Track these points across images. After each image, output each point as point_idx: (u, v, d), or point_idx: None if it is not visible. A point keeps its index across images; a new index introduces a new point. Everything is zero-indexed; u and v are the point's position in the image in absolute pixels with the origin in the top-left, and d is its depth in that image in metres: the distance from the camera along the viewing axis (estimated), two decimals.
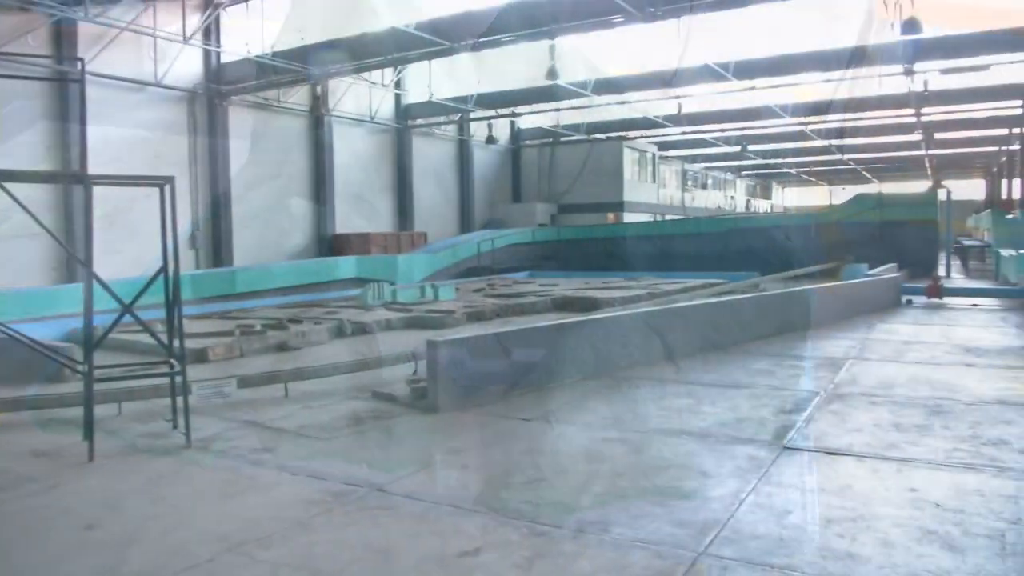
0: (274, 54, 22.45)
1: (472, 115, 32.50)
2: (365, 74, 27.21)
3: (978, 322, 12.95)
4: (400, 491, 4.87)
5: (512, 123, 38.83)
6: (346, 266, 22.09)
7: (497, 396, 7.33)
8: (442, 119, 33.26)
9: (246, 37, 22.58)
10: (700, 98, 32.22)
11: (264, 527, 4.31)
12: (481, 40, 20.27)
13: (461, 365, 7.22)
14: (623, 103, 31.88)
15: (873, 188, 61.22)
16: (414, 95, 31.31)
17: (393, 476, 5.17)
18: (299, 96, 26.63)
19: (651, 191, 42.30)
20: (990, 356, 9.44)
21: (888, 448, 5.62)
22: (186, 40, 20.45)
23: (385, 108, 30.75)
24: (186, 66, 22.60)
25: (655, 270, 23.75)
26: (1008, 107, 32.40)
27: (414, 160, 32.33)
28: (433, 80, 29.38)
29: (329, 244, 27.49)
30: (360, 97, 29.35)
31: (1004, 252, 20.81)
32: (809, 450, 5.61)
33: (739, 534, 4.10)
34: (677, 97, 30.14)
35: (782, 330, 11.54)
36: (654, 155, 43.01)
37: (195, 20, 21.29)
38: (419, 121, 32.40)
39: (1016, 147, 38.32)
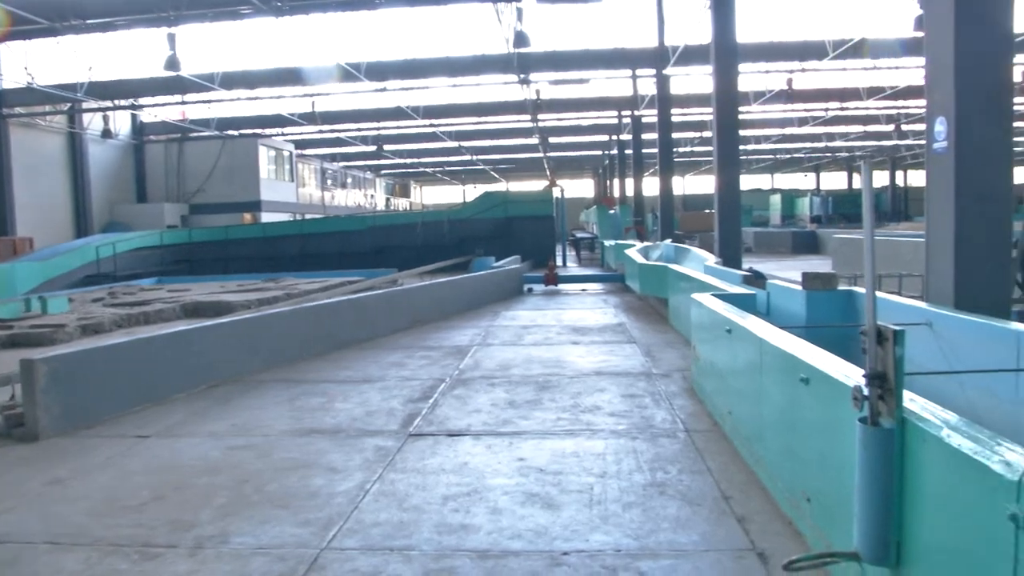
0: None
1: (85, 105, 29.29)
2: None
3: (586, 304, 14.60)
4: None
5: (134, 116, 35.70)
6: None
7: (111, 414, 6.69)
8: (48, 108, 29.53)
9: None
10: (336, 97, 32.34)
11: None
12: (89, 22, 18.34)
13: (66, 384, 6.46)
14: (255, 99, 30.85)
15: (501, 186, 66.22)
16: (10, 80, 27.36)
17: None
18: None
19: (289, 190, 41.56)
20: (592, 333, 10.69)
21: (503, 424, 6.10)
22: None
23: None
24: None
25: (295, 270, 23.41)
26: (608, 116, 36.87)
27: (12, 155, 28.32)
28: (36, 64, 25.93)
29: None
30: None
31: (607, 243, 23.71)
32: (432, 434, 5.89)
33: (362, 524, 4.17)
34: (310, 95, 29.87)
35: (415, 323, 12.01)
36: (291, 153, 42.28)
37: None
38: (18, 110, 28.44)
39: (615, 152, 43.82)
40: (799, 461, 3.85)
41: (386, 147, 46.23)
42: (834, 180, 72.70)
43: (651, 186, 29.57)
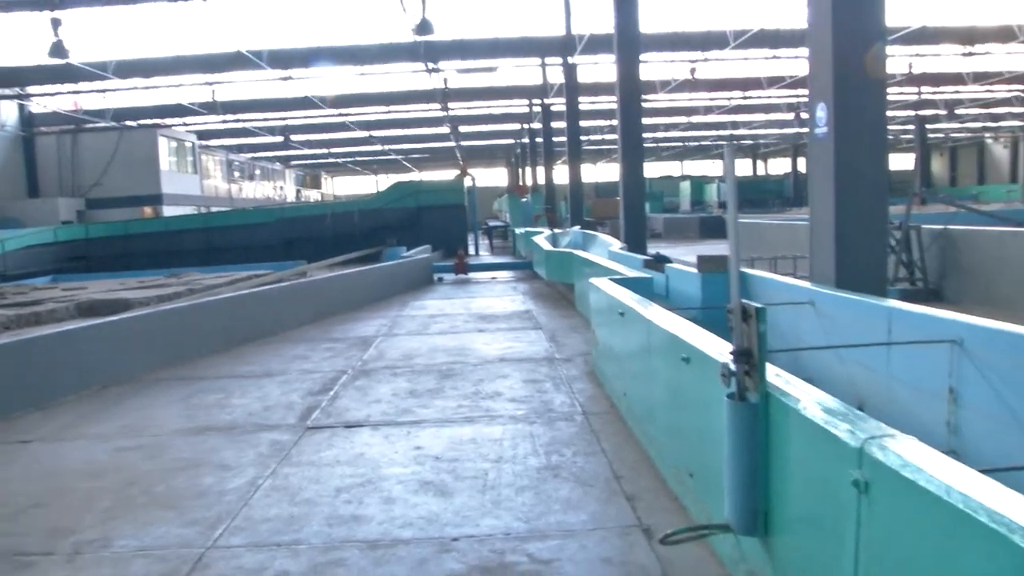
0: None
1: None
2: None
3: (495, 292, 14.64)
4: None
5: (21, 106, 33.95)
6: None
7: None
8: None
9: None
10: (240, 86, 31.44)
11: None
12: None
13: None
14: (153, 88, 29.74)
15: (414, 176, 65.73)
16: None
17: None
18: None
19: (193, 182, 40.29)
20: (498, 321, 10.72)
21: (402, 414, 6.06)
22: None
23: None
24: None
25: (201, 265, 22.71)
26: (519, 105, 36.94)
27: None
28: None
29: None
30: None
31: (518, 231, 23.82)
32: (330, 427, 5.81)
33: (251, 520, 4.08)
34: (210, 84, 28.95)
35: (322, 315, 11.82)
36: (194, 145, 40.96)
37: None
38: None
39: (526, 140, 44.02)
40: (683, 438, 3.94)
41: (294, 137, 45.30)
42: (740, 167, 74.76)
43: (564, 174, 29.82)
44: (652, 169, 71.15)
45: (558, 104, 28.89)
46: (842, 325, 5.31)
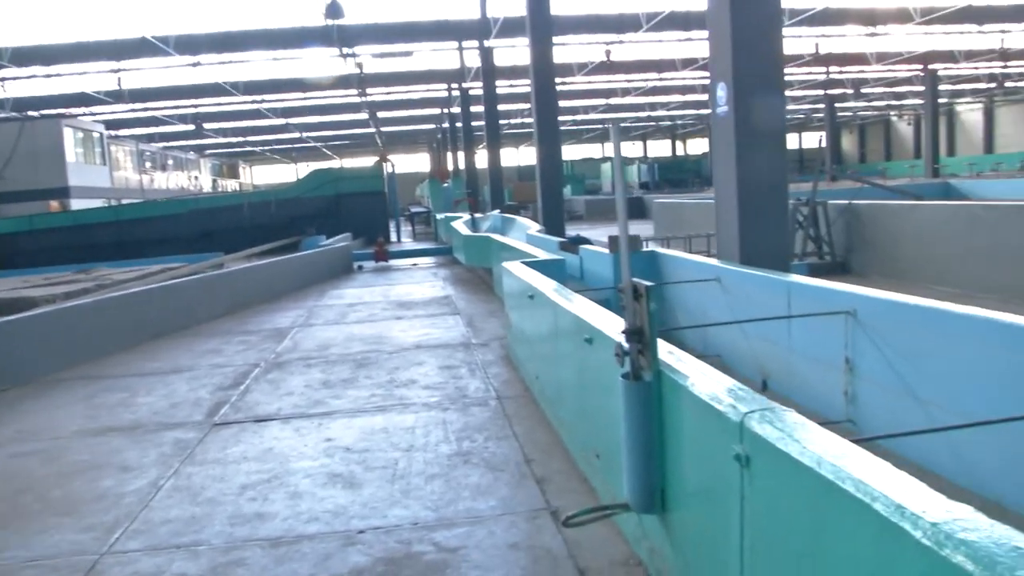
0: None
1: None
2: None
3: (414, 279, 14.51)
4: None
5: None
6: None
7: None
8: None
9: None
10: (148, 73, 30.30)
11: None
12: None
13: None
14: (54, 76, 28.41)
15: (335, 164, 64.59)
16: None
17: None
18: None
19: (102, 174, 38.72)
20: (417, 308, 10.63)
21: (314, 406, 5.94)
22: None
23: None
24: None
25: (113, 259, 21.87)
26: (438, 89, 36.60)
27: None
28: None
29: None
30: None
31: (439, 216, 23.66)
32: (239, 422, 5.65)
33: (150, 523, 3.94)
34: (116, 71, 27.82)
35: (237, 307, 11.53)
36: (102, 135, 39.36)
37: None
38: None
39: (447, 125, 43.70)
40: (589, 420, 3.96)
41: (208, 126, 43.99)
42: (660, 148, 75.83)
43: (486, 158, 29.70)
44: (574, 152, 71.70)
45: (477, 88, 28.74)
46: (746, 300, 5.42)
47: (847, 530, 1.58)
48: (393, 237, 25.71)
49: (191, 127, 41.37)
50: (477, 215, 20.24)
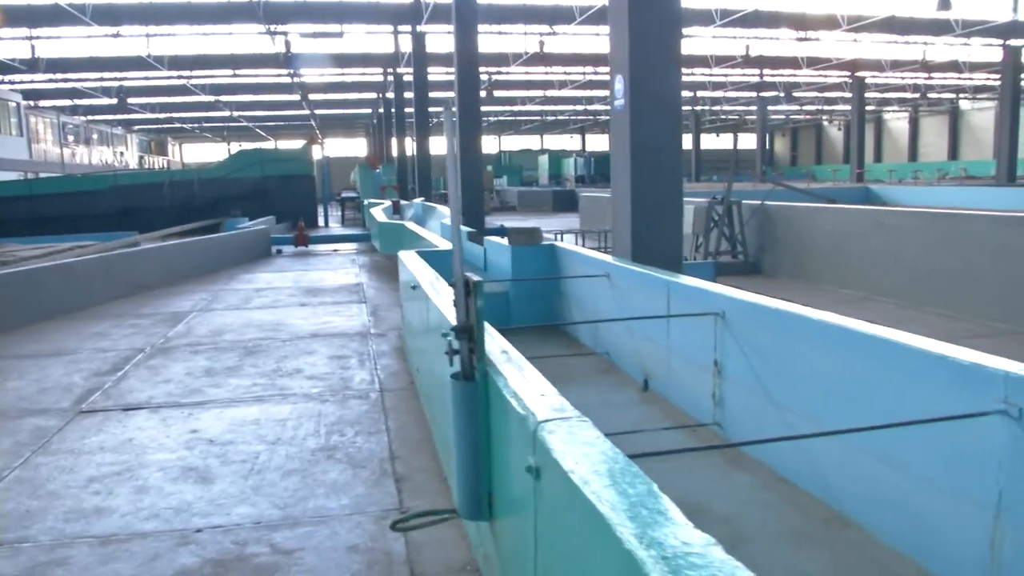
0: None
1: None
2: None
3: (331, 265, 14.23)
4: None
5: None
6: None
7: None
8: None
9: None
10: (68, 42, 29.06)
11: None
12: None
13: None
14: None
15: (268, 145, 63.15)
16: None
17: None
18: None
19: (19, 146, 37.19)
20: (325, 295, 10.39)
21: (190, 394, 5.71)
22: None
23: None
24: None
25: (24, 235, 20.96)
26: (374, 73, 36.00)
27: None
28: None
29: None
30: None
31: (367, 201, 23.30)
32: (106, 410, 5.39)
33: None
34: (30, 38, 26.58)
35: (140, 288, 11.13)
36: (19, 105, 37.77)
37: None
38: None
39: (383, 110, 43.05)
40: (449, 416, 3.84)
41: (133, 101, 42.48)
42: (599, 142, 76.22)
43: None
44: (512, 143, 71.64)
45: (411, 74, 28.36)
46: (632, 298, 5.38)
47: (601, 561, 1.49)
48: (321, 222, 25.25)
49: (114, 101, 39.88)
50: (403, 202, 20.01)
